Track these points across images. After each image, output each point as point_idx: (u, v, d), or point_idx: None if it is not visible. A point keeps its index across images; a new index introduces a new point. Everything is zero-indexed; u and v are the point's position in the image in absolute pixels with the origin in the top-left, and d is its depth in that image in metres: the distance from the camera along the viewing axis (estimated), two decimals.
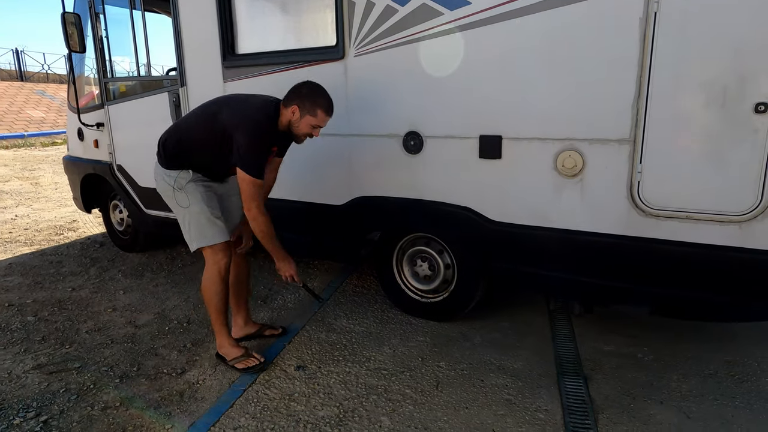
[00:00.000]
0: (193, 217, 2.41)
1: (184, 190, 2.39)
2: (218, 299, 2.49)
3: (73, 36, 3.81)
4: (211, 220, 2.41)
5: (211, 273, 2.45)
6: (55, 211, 6.33)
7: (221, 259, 2.44)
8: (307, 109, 2.31)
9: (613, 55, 2.15)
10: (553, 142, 2.35)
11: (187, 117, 2.52)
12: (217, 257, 2.44)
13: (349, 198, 3.03)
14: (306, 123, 2.34)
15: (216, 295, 2.48)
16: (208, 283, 2.47)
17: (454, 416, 2.18)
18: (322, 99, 2.34)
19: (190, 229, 2.44)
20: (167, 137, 2.46)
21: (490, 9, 2.36)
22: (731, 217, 2.06)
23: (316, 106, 2.32)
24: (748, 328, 2.87)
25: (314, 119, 2.33)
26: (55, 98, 18.41)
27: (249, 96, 2.47)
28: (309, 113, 2.32)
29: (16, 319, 3.19)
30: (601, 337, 2.82)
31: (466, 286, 2.87)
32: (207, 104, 2.46)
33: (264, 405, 2.26)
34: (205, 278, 2.48)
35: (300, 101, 2.32)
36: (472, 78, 2.49)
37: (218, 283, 2.46)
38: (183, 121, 2.51)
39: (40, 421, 2.16)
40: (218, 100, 2.48)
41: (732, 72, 1.97)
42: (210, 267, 2.45)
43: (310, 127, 2.35)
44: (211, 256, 2.44)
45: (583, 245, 2.40)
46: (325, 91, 2.39)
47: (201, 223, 2.41)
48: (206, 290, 2.49)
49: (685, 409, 2.19)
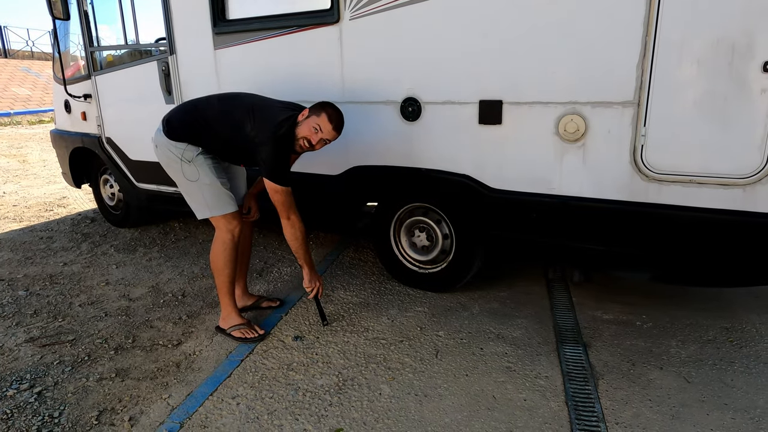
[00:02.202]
0: (205, 189, 2.41)
1: (193, 162, 2.37)
2: (230, 268, 2.50)
3: (57, 3, 3.68)
4: (222, 190, 2.43)
5: (225, 239, 2.46)
6: (44, 187, 6.22)
7: (234, 227, 2.47)
8: (315, 111, 2.33)
9: (618, 14, 2.08)
10: (555, 105, 2.30)
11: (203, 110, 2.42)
12: (231, 225, 2.46)
13: (346, 168, 2.97)
14: (308, 123, 2.32)
15: (228, 263, 2.48)
16: (219, 251, 2.47)
17: (454, 383, 2.17)
18: (332, 108, 2.36)
19: (203, 199, 2.43)
20: (173, 116, 2.43)
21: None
22: (736, 180, 2.03)
23: (323, 110, 2.33)
24: (744, 295, 2.88)
25: (317, 119, 2.31)
26: (41, 75, 17.99)
27: (272, 107, 2.40)
28: (314, 113, 2.32)
29: (7, 294, 3.13)
30: (600, 305, 2.82)
31: (464, 256, 2.84)
32: (227, 107, 2.40)
33: (262, 374, 2.24)
34: (217, 246, 2.48)
35: (312, 107, 2.36)
36: (472, 41, 2.42)
37: (231, 250, 2.47)
38: (197, 112, 2.42)
39: (34, 393, 2.13)
40: (241, 105, 2.39)
41: (740, 30, 1.91)
42: (223, 234, 2.46)
43: (311, 129, 2.31)
44: (224, 225, 2.46)
45: (585, 212, 2.36)
46: (339, 110, 2.39)
47: (214, 193, 2.42)
48: (217, 259, 2.48)
49: (684, 374, 2.19)
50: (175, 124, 2.39)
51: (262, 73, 3.08)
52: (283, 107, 2.39)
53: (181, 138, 2.38)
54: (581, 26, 2.17)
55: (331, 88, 2.85)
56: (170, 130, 2.39)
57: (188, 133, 2.38)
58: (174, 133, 2.38)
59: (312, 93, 2.86)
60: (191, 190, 2.44)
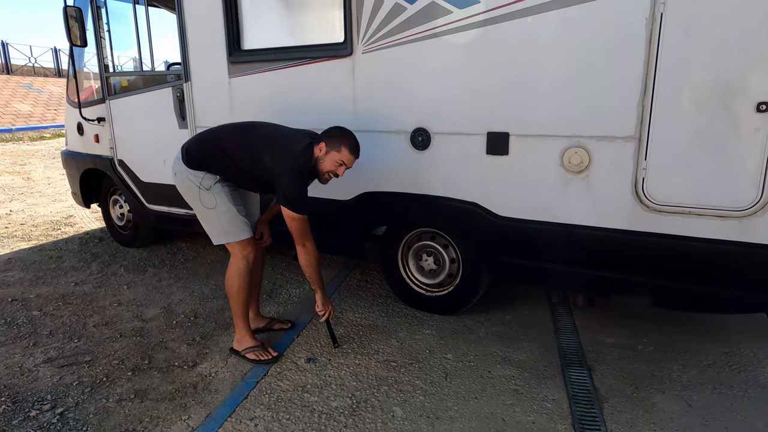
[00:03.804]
0: (222, 216, 2.50)
1: (211, 191, 2.46)
2: (245, 293, 2.58)
3: (74, 30, 3.79)
4: (238, 218, 2.51)
5: (240, 265, 2.54)
6: (50, 206, 6.28)
7: (249, 253, 2.55)
8: (333, 145, 2.40)
9: (620, 55, 2.21)
10: (560, 139, 2.41)
11: (220, 140, 2.49)
12: (246, 251, 2.54)
13: (356, 193, 3.07)
14: (330, 159, 2.40)
15: (243, 288, 2.56)
16: (234, 277, 2.55)
17: (464, 406, 2.24)
18: (348, 139, 2.43)
19: (220, 226, 2.51)
20: (191, 146, 2.52)
21: (498, 8, 2.41)
22: (732, 212, 2.14)
23: (342, 144, 2.40)
24: (741, 321, 2.98)
25: (338, 155, 2.39)
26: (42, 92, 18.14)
27: (290, 137, 2.48)
28: (334, 149, 2.40)
29: (21, 314, 3.19)
30: (602, 329, 2.90)
31: (470, 281, 2.93)
32: (245, 138, 2.48)
33: (278, 396, 2.30)
34: (231, 272, 2.56)
35: (328, 139, 2.42)
36: (480, 75, 2.54)
37: (245, 275, 2.55)
38: (216, 143, 2.48)
39: (56, 413, 2.18)
40: (258, 135, 2.49)
41: (735, 72, 2.04)
42: (238, 260, 2.54)
43: (335, 164, 2.40)
44: (239, 251, 2.54)
45: (589, 239, 2.46)
46: (353, 134, 2.47)
47: (230, 220, 2.51)
48: (232, 284, 2.56)
49: (686, 398, 2.27)
50: (194, 154, 2.48)
51: (276, 101, 3.19)
52: (300, 136, 2.48)
53: (199, 167, 2.47)
54: (586, 65, 2.29)
55: (344, 117, 2.95)
56: (189, 159, 2.48)
57: (207, 163, 2.47)
58: (192, 162, 2.47)
59: (324, 122, 2.93)
60: (208, 217, 2.53)
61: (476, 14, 2.47)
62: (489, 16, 2.44)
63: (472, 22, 2.49)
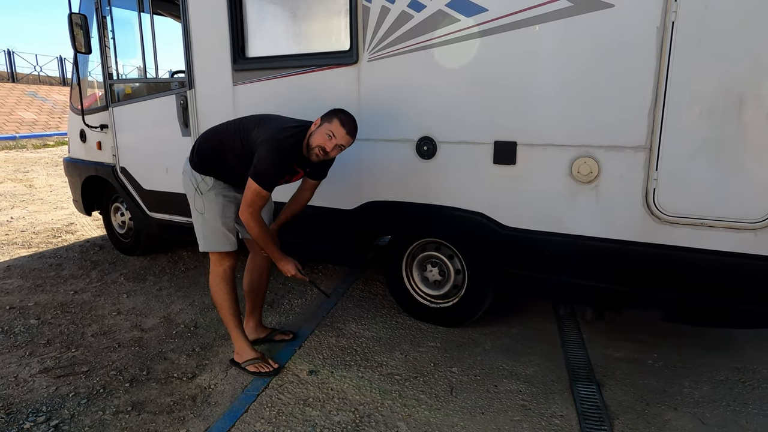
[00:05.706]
0: (206, 224, 2.49)
1: (204, 197, 2.45)
2: (229, 302, 2.53)
3: (79, 37, 3.79)
4: (220, 229, 2.49)
5: (216, 274, 2.54)
6: (51, 213, 6.25)
7: (225, 262, 2.54)
8: (327, 118, 2.35)
9: (631, 64, 2.18)
10: (568, 148, 2.37)
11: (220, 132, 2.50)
12: (223, 262, 2.54)
13: (360, 203, 3.02)
14: (321, 131, 2.32)
15: (226, 297, 2.53)
16: (215, 286, 2.54)
17: (470, 421, 2.18)
18: (344, 115, 2.37)
19: (203, 232, 2.51)
20: (198, 144, 2.50)
21: (507, 16, 2.38)
22: (747, 224, 2.08)
23: (335, 116, 2.35)
24: (751, 335, 2.91)
25: (329, 125, 2.32)
26: (47, 100, 18.23)
27: (288, 119, 2.48)
28: (327, 121, 2.35)
29: (19, 322, 3.14)
30: (610, 342, 2.84)
31: (476, 292, 2.87)
32: (240, 123, 2.47)
33: (279, 410, 2.24)
34: (211, 281, 2.56)
35: (325, 115, 2.38)
36: (488, 84, 2.51)
37: (225, 283, 2.53)
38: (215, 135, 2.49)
39: (51, 426, 2.13)
40: (252, 117, 2.51)
41: (748, 81, 2.00)
42: (215, 269, 2.55)
43: (325, 136, 2.31)
44: (216, 260, 2.55)
45: (598, 251, 2.41)
46: (352, 116, 2.41)
47: (211, 230, 2.49)
48: (215, 293, 2.55)
49: (699, 415, 2.20)
50: (199, 153, 2.48)
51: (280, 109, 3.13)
52: (297, 121, 2.45)
53: (201, 165, 2.45)
54: (596, 74, 2.26)
55: None
56: (193, 157, 2.48)
57: (209, 159, 2.44)
58: (196, 161, 2.47)
59: None
60: (197, 222, 2.52)
61: (484, 22, 2.44)
62: (497, 24, 2.41)
63: (480, 30, 2.46)
